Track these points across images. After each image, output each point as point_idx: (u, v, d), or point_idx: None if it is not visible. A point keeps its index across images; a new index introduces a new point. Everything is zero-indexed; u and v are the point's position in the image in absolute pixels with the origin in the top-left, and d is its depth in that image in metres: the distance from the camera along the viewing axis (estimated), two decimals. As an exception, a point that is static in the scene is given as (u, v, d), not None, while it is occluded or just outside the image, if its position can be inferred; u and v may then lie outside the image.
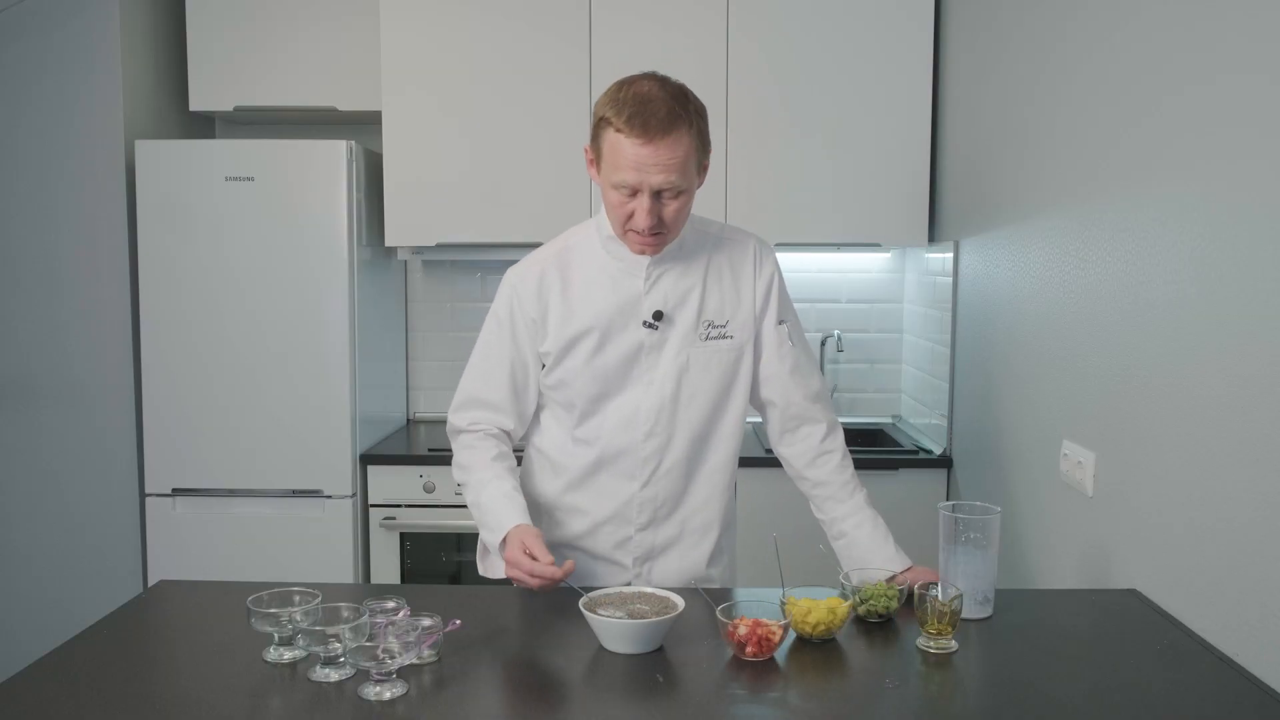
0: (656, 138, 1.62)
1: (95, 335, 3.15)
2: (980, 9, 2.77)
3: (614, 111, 1.65)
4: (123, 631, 1.57)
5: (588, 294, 1.80)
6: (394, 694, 1.32)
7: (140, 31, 3.20)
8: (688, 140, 1.65)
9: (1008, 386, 2.50)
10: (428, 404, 3.66)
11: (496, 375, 1.85)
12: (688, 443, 1.82)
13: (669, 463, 1.82)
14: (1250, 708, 1.34)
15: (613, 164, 1.66)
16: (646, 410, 1.80)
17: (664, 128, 1.62)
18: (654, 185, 1.64)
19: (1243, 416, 1.52)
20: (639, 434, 1.81)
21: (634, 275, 1.79)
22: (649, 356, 1.80)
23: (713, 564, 1.90)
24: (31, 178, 3.13)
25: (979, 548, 1.62)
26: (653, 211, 1.66)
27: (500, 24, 3.16)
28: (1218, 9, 1.59)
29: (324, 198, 3.00)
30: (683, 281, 1.81)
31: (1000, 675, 1.46)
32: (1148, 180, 1.81)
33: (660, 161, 1.63)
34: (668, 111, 1.63)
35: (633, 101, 1.64)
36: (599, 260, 1.81)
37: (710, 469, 1.86)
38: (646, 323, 1.79)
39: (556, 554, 1.86)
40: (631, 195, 1.67)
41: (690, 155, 1.67)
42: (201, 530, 3.06)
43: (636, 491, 1.83)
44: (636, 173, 1.64)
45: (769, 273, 1.86)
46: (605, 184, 1.70)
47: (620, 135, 1.63)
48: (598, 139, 1.70)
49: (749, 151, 3.16)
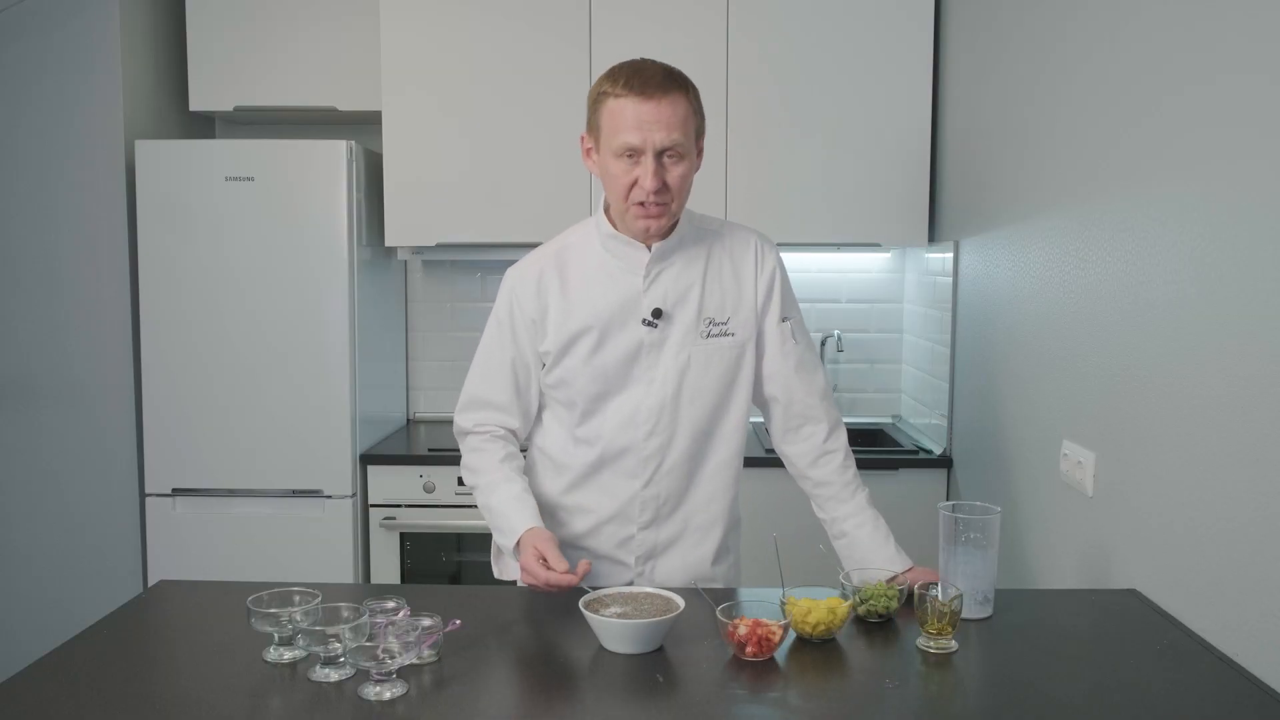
0: (656, 95, 1.66)
1: (95, 335, 3.16)
2: (980, 9, 2.77)
3: (610, 82, 1.70)
4: (123, 631, 1.57)
5: (587, 292, 1.80)
6: (394, 694, 1.32)
7: (140, 31, 3.21)
8: (685, 102, 1.69)
9: (1008, 386, 2.50)
10: (428, 404, 3.66)
11: (499, 376, 1.85)
12: (690, 441, 1.82)
13: (671, 461, 1.82)
14: (1250, 708, 1.34)
15: (613, 130, 1.68)
16: (648, 409, 1.80)
17: (662, 87, 1.67)
18: (657, 144, 1.66)
19: (1243, 416, 1.52)
20: (640, 433, 1.80)
21: (633, 273, 1.79)
22: (649, 355, 1.79)
23: (718, 562, 1.89)
24: (31, 178, 3.13)
25: (979, 548, 1.62)
26: (657, 174, 1.68)
27: (500, 24, 3.16)
28: (1218, 9, 1.59)
29: (324, 198, 3.01)
30: (682, 279, 1.80)
31: (1000, 675, 1.46)
32: (1148, 180, 1.81)
33: (662, 119, 1.66)
34: (664, 74, 1.69)
35: (628, 69, 1.70)
36: (598, 258, 1.81)
37: (713, 467, 1.86)
38: (646, 320, 1.78)
39: (564, 554, 1.86)
40: (635, 163, 1.68)
41: (689, 118, 1.70)
42: (201, 530, 3.07)
43: (639, 490, 1.82)
44: (639, 131, 1.66)
45: (771, 268, 1.86)
46: (607, 157, 1.71)
47: (620, 99, 1.67)
48: (595, 116, 1.73)
49: (749, 151, 3.16)
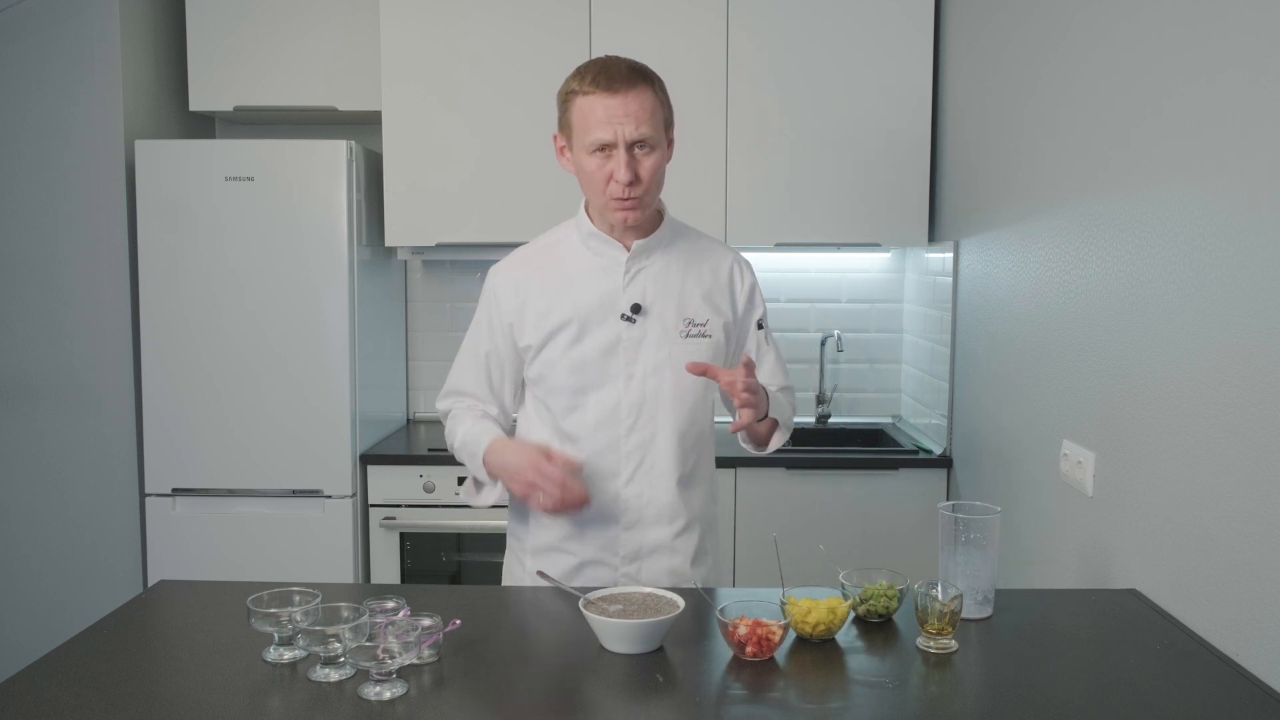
0: (622, 89, 1.70)
1: (95, 335, 3.16)
2: (980, 9, 2.77)
3: (578, 81, 1.74)
4: (123, 631, 1.57)
5: (567, 288, 1.83)
6: (394, 694, 1.32)
7: (140, 31, 3.20)
8: (651, 95, 1.73)
9: (1008, 386, 2.50)
10: (428, 404, 3.66)
11: (473, 369, 1.91)
12: (672, 439, 1.83)
13: (652, 459, 1.83)
14: (1250, 708, 1.34)
15: (584, 127, 1.72)
16: (628, 405, 1.81)
17: (628, 81, 1.71)
18: (628, 136, 1.70)
19: (1243, 416, 1.52)
20: (622, 428, 1.82)
21: (613, 269, 1.82)
22: (628, 350, 1.81)
23: (697, 564, 1.89)
24: (31, 178, 3.13)
25: (979, 548, 1.62)
26: (630, 166, 1.71)
27: (500, 24, 3.16)
28: (1218, 9, 1.59)
29: (324, 198, 3.01)
30: (662, 278, 1.83)
31: (1000, 675, 1.46)
32: (1148, 180, 1.81)
33: (630, 112, 1.70)
34: (629, 69, 1.73)
35: (594, 66, 1.74)
36: (578, 255, 1.85)
37: (694, 466, 1.87)
38: (625, 315, 1.80)
39: (545, 557, 1.86)
40: (607, 157, 1.72)
41: (657, 110, 1.74)
42: (201, 530, 3.07)
43: (620, 489, 1.83)
44: (609, 125, 1.70)
45: (749, 283, 1.92)
46: (580, 154, 1.75)
47: (588, 97, 1.71)
48: (566, 114, 1.77)
49: (749, 151, 3.16)
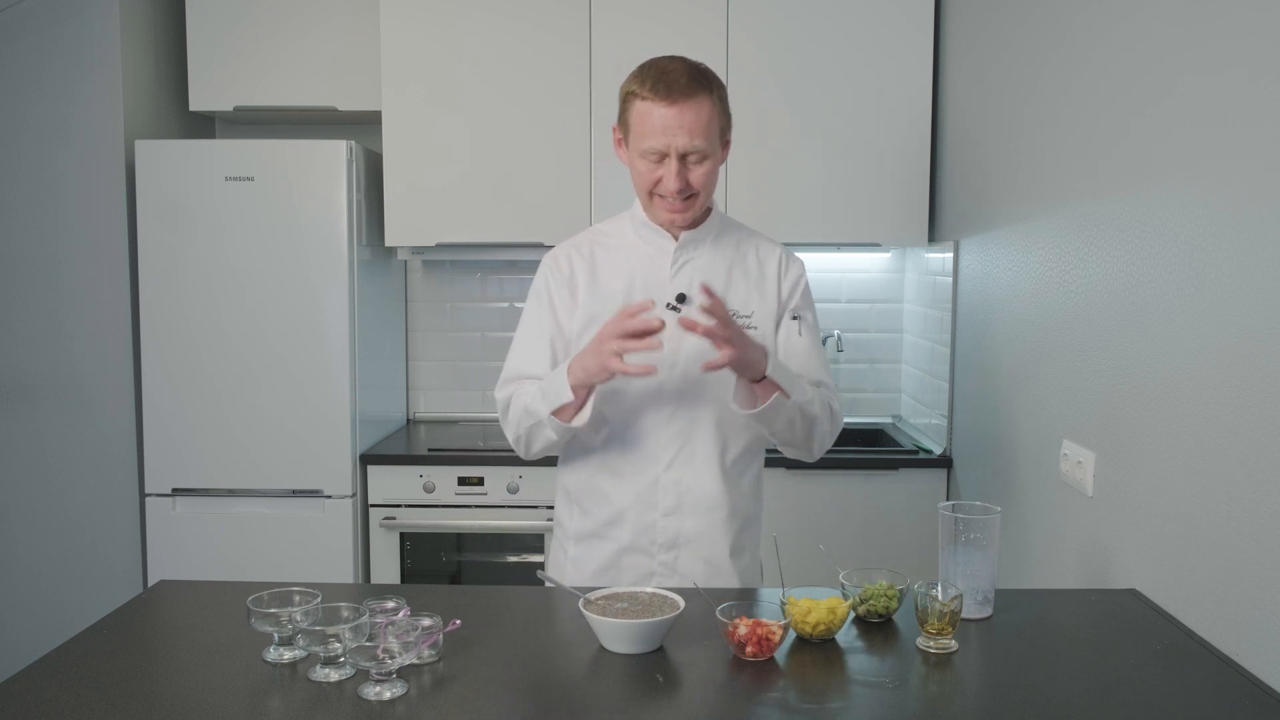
0: (680, 100, 1.70)
1: (95, 335, 3.15)
2: (980, 9, 2.77)
3: (638, 83, 1.75)
4: (123, 631, 1.57)
5: (615, 273, 1.86)
6: (394, 694, 1.32)
7: (140, 31, 3.20)
8: (709, 105, 1.73)
9: (1008, 386, 2.50)
10: (428, 404, 3.66)
11: (537, 348, 1.88)
12: (713, 428, 1.83)
13: (692, 447, 1.83)
14: (1250, 708, 1.34)
15: (640, 132, 1.74)
16: (670, 392, 1.82)
17: (686, 92, 1.71)
18: (680, 148, 1.71)
19: (1242, 416, 1.52)
20: (664, 414, 1.83)
21: (662, 259, 1.84)
22: (672, 339, 1.79)
23: (736, 557, 1.88)
24: (31, 178, 3.13)
25: (979, 548, 1.62)
26: (680, 175, 1.73)
27: (500, 24, 3.16)
28: (1218, 9, 1.59)
29: (324, 198, 3.00)
30: (709, 270, 1.85)
31: (1000, 675, 1.46)
32: (1148, 180, 1.81)
33: (685, 124, 1.71)
34: (689, 79, 1.73)
35: (655, 72, 1.74)
36: (629, 243, 1.88)
37: (736, 459, 1.87)
38: (670, 304, 1.81)
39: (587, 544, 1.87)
40: (659, 162, 1.74)
41: (713, 120, 1.74)
42: (201, 530, 3.07)
43: (661, 474, 1.84)
44: (663, 136, 1.71)
45: (794, 275, 1.91)
46: (634, 155, 1.78)
47: (646, 102, 1.73)
48: (625, 114, 1.78)
49: (749, 151, 3.16)
